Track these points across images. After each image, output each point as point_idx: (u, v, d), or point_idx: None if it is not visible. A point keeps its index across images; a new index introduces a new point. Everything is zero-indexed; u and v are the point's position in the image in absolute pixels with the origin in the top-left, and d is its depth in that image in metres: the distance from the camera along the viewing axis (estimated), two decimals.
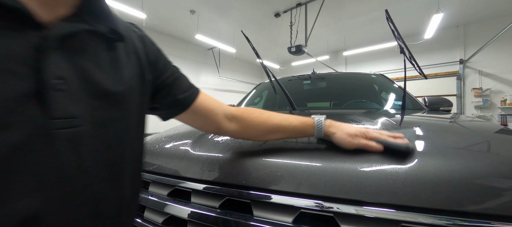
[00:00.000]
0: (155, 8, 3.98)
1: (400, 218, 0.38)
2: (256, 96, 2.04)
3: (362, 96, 1.61)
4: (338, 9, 4.28)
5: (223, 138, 0.74)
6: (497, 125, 0.80)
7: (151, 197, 0.61)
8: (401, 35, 1.07)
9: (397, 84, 1.68)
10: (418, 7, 4.21)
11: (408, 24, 4.97)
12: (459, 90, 5.15)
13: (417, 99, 1.53)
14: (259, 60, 1.37)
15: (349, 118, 0.90)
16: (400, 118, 0.94)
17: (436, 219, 0.37)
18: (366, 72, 1.93)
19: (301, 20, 4.35)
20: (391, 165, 0.44)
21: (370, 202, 0.40)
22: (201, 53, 6.09)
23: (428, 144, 0.54)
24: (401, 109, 1.29)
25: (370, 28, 5.15)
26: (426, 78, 1.35)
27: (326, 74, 2.03)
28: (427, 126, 0.80)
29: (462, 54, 5.08)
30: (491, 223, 0.35)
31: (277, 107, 1.79)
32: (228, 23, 4.71)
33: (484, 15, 4.60)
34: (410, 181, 0.40)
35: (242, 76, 7.50)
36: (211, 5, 3.95)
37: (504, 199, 0.36)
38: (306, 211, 0.44)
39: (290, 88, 1.80)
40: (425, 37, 4.53)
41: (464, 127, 0.78)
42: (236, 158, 0.56)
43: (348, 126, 0.55)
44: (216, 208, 0.51)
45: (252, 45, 1.35)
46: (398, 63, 5.84)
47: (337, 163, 0.47)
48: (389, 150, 0.48)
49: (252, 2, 3.93)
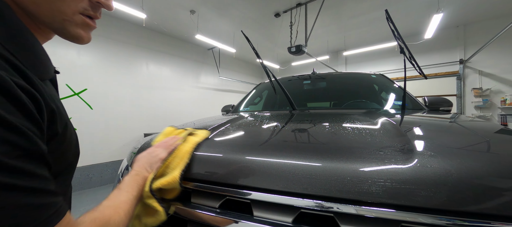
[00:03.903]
0: (155, 8, 3.97)
1: (400, 218, 0.38)
2: (256, 96, 2.04)
3: (362, 96, 1.61)
4: (338, 9, 4.27)
5: (222, 138, 0.74)
6: (497, 125, 0.80)
7: None
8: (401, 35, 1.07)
9: (397, 84, 1.68)
10: (418, 7, 4.20)
11: (408, 24, 4.97)
12: (459, 90, 5.14)
13: (417, 99, 1.53)
14: (259, 60, 1.37)
15: (349, 118, 0.90)
16: (400, 118, 0.94)
17: (436, 219, 0.37)
18: (366, 72, 1.93)
19: (301, 20, 4.34)
20: (391, 165, 0.44)
21: (370, 202, 0.40)
22: (201, 53, 6.09)
23: (428, 144, 0.54)
24: (401, 109, 1.29)
25: (370, 28, 5.15)
26: (426, 78, 1.35)
27: (326, 74, 2.03)
28: (427, 126, 0.80)
29: (462, 54, 5.07)
30: (491, 223, 0.35)
31: (277, 107, 1.79)
32: (228, 23, 4.71)
33: (484, 15, 4.60)
34: (410, 181, 0.40)
35: (242, 76, 7.49)
36: (211, 5, 3.95)
37: (504, 199, 0.36)
38: (306, 211, 0.44)
39: (290, 88, 1.81)
40: (425, 37, 4.52)
41: (464, 127, 0.78)
42: (236, 158, 0.56)
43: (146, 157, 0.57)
44: (216, 208, 0.51)
45: (252, 45, 1.35)
46: (398, 63, 5.84)
47: (337, 163, 0.47)
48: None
49: (252, 2, 3.93)
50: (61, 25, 0.37)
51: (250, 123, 0.97)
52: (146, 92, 4.69)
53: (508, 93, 4.62)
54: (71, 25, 0.38)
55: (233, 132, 0.80)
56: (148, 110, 4.67)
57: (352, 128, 0.71)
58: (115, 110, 4.10)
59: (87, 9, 0.39)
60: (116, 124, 4.10)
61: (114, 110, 4.09)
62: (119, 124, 4.15)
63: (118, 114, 4.15)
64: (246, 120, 1.05)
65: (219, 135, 0.77)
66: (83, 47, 3.66)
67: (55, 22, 0.37)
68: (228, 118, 1.10)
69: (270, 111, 1.51)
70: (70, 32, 0.38)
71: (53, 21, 0.36)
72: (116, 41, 4.20)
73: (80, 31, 0.39)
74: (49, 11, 0.35)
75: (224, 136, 0.76)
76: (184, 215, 0.53)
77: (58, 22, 0.37)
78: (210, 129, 0.84)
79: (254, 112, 1.53)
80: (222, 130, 0.82)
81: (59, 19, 0.36)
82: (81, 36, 0.40)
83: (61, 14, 0.36)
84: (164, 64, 5.12)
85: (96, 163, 3.76)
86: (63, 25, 0.37)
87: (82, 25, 0.39)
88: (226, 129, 0.83)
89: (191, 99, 5.73)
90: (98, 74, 3.89)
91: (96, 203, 0.38)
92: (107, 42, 4.06)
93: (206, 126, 0.90)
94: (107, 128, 3.96)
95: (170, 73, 5.23)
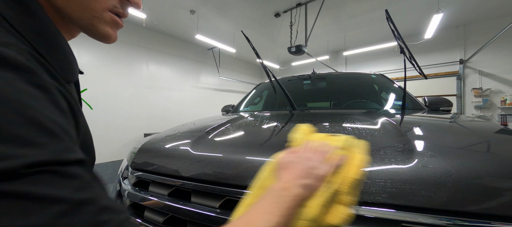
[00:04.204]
0: (155, 8, 3.98)
1: (400, 218, 0.38)
2: (256, 96, 2.04)
3: (362, 96, 1.61)
4: (338, 9, 4.27)
5: (222, 138, 0.74)
6: (497, 125, 0.80)
7: (151, 197, 0.60)
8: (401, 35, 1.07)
9: (397, 84, 1.68)
10: (418, 7, 4.20)
11: (408, 24, 4.97)
12: (459, 90, 5.14)
13: (417, 99, 1.53)
14: (259, 60, 1.37)
15: (349, 118, 0.90)
16: (400, 118, 0.94)
17: (436, 219, 0.37)
18: (366, 72, 1.93)
19: (301, 20, 4.34)
20: (391, 165, 0.44)
21: (370, 202, 0.40)
22: (201, 53, 6.09)
23: (428, 144, 0.54)
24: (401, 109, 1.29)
25: (370, 28, 5.15)
26: (426, 78, 1.35)
27: (326, 74, 2.03)
28: (427, 126, 0.80)
29: (462, 54, 5.08)
30: (491, 223, 0.35)
31: (277, 107, 1.79)
32: (228, 23, 4.71)
33: (484, 15, 4.60)
34: (410, 181, 0.40)
35: (242, 76, 7.50)
36: (211, 5, 3.95)
37: (504, 199, 0.36)
38: None
39: (290, 88, 1.80)
40: (425, 37, 4.53)
41: (464, 127, 0.78)
42: (236, 158, 0.56)
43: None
44: (216, 208, 0.51)
45: (252, 45, 1.36)
46: (398, 63, 5.84)
47: None
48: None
49: (252, 2, 3.93)
50: (90, 21, 0.35)
51: (250, 123, 0.97)
52: (146, 92, 4.69)
53: (508, 93, 4.62)
54: (100, 22, 0.36)
55: (233, 132, 0.80)
56: (148, 110, 4.67)
57: (352, 128, 0.71)
58: (115, 110, 4.10)
59: (117, 6, 0.37)
60: (116, 124, 4.10)
61: (114, 110, 4.09)
62: (119, 124, 4.15)
63: (118, 114, 4.15)
64: (246, 120, 1.05)
65: (219, 135, 0.77)
66: (83, 47, 3.66)
67: (84, 19, 0.35)
68: (228, 118, 1.10)
69: (270, 111, 1.51)
70: (99, 30, 0.37)
71: (82, 17, 0.34)
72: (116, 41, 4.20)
73: (108, 29, 0.38)
74: (79, 6, 0.33)
75: (224, 136, 0.76)
76: (184, 215, 0.53)
77: (87, 19, 0.35)
78: (211, 129, 0.84)
79: (254, 112, 1.53)
80: (222, 130, 0.82)
81: (89, 16, 0.35)
82: (109, 35, 0.38)
83: (91, 10, 0.34)
84: (164, 64, 5.12)
85: (96, 163, 3.74)
86: (92, 22, 0.35)
87: (111, 23, 0.38)
88: (226, 129, 0.84)
89: (191, 99, 5.73)
90: (98, 74, 3.89)
91: None
92: None
93: (205, 127, 0.90)
94: (107, 128, 3.96)
95: (170, 73, 5.23)
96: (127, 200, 0.68)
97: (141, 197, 0.62)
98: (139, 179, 0.70)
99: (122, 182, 0.74)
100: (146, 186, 0.66)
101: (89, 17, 0.35)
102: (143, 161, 0.71)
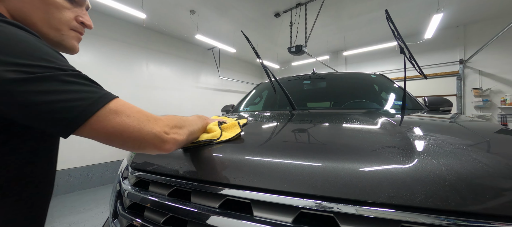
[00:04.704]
0: (155, 8, 3.97)
1: (400, 218, 0.38)
2: (256, 96, 2.04)
3: (362, 96, 1.61)
4: (338, 9, 4.27)
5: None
6: (497, 125, 0.80)
7: (151, 197, 0.60)
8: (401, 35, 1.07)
9: (397, 84, 1.68)
10: (418, 7, 4.20)
11: (408, 24, 4.97)
12: (459, 90, 5.14)
13: (417, 99, 1.53)
14: (259, 60, 1.37)
15: (349, 118, 0.90)
16: (400, 118, 0.94)
17: (436, 219, 0.37)
18: (366, 72, 1.93)
19: (301, 20, 4.34)
20: (391, 165, 0.44)
21: (370, 202, 0.40)
22: (201, 53, 6.09)
23: (428, 144, 0.54)
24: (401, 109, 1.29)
25: (370, 28, 5.15)
26: (426, 78, 1.35)
27: (326, 74, 2.03)
28: (427, 126, 0.80)
29: (462, 54, 5.07)
30: (491, 223, 0.35)
31: (277, 107, 1.79)
32: (228, 23, 4.71)
33: (484, 15, 4.60)
34: (410, 181, 0.40)
35: (242, 76, 7.49)
36: (211, 5, 3.95)
37: (504, 199, 0.36)
38: (306, 211, 0.44)
39: (290, 88, 1.81)
40: (425, 37, 4.52)
41: (464, 127, 0.78)
42: (236, 158, 0.56)
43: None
44: (216, 208, 0.51)
45: (252, 45, 1.36)
46: (398, 63, 5.84)
47: (337, 163, 0.47)
48: None
49: (252, 2, 3.93)
50: (59, 39, 0.50)
51: (250, 123, 0.97)
52: (146, 92, 4.69)
53: (508, 93, 4.62)
54: (68, 38, 0.52)
55: None
56: (148, 110, 4.65)
57: (352, 128, 0.71)
58: None
59: (78, 27, 0.53)
60: None
61: None
62: None
63: None
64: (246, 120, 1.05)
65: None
66: (83, 47, 3.66)
67: (55, 37, 0.49)
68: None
69: (270, 111, 1.51)
70: (68, 44, 0.52)
71: (54, 36, 0.49)
72: (116, 41, 4.20)
73: (74, 42, 0.53)
74: (51, 29, 0.48)
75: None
76: (184, 215, 0.53)
77: (57, 37, 0.49)
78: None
79: (254, 112, 1.53)
80: None
81: (58, 34, 0.49)
82: (75, 47, 0.54)
83: (60, 31, 0.49)
84: (164, 64, 5.12)
85: (96, 163, 3.76)
86: (62, 39, 0.50)
87: (75, 38, 0.53)
88: None
89: (191, 99, 5.73)
90: (98, 74, 3.89)
91: (96, 203, 0.38)
92: (107, 42, 4.06)
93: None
94: None
95: (170, 73, 5.23)
96: (127, 200, 0.68)
97: (141, 197, 0.62)
98: (139, 179, 0.70)
99: (122, 182, 0.74)
100: (146, 186, 0.66)
101: (59, 35, 0.50)
102: (143, 161, 0.72)
